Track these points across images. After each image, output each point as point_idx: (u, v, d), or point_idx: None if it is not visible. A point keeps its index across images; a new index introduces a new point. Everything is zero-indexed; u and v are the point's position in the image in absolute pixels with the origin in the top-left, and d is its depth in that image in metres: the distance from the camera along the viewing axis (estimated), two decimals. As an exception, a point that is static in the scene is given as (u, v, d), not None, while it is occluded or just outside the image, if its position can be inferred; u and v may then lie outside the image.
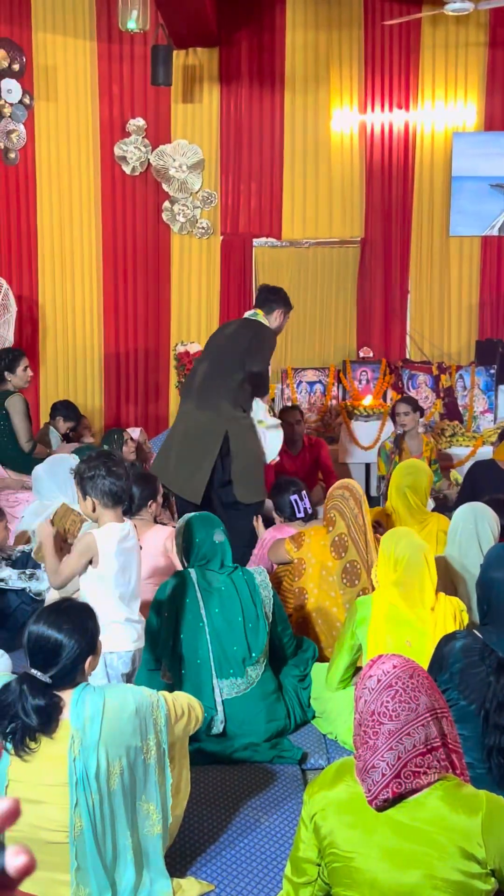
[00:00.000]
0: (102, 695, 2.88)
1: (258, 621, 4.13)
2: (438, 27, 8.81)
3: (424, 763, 2.36)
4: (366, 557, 4.76)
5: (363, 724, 2.41)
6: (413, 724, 2.37)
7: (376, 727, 2.37)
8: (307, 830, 2.52)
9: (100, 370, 9.21)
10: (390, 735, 2.36)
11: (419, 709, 2.38)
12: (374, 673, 2.44)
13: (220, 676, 4.07)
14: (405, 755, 2.35)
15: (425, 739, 2.37)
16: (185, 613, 4.12)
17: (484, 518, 4.52)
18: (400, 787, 2.34)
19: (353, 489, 4.91)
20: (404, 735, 2.36)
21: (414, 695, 2.39)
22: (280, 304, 6.22)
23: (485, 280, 9.18)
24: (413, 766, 2.35)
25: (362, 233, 9.10)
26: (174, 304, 9.20)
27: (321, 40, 8.86)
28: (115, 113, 8.91)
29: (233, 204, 9.09)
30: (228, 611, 4.14)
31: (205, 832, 3.45)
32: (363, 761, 2.39)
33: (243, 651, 4.08)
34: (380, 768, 2.35)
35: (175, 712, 3.04)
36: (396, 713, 2.36)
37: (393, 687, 2.39)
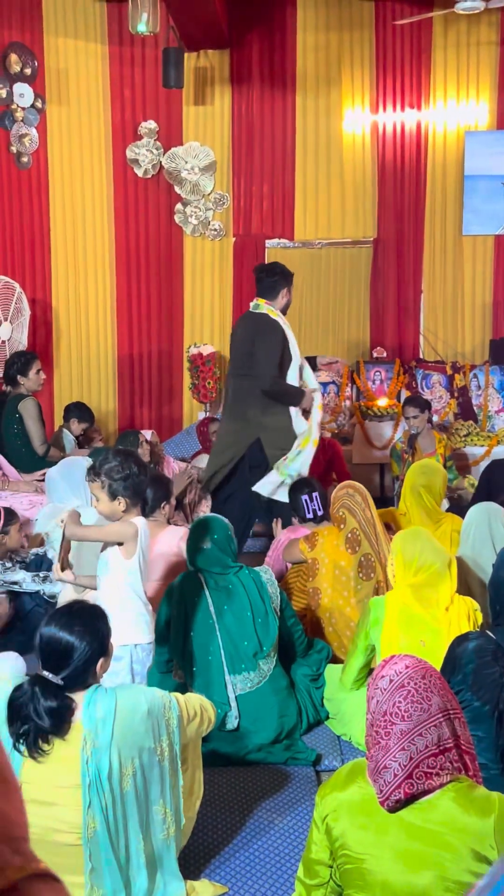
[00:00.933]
0: (114, 696, 2.88)
1: (267, 616, 4.14)
2: (450, 26, 8.80)
3: (437, 764, 2.35)
4: (378, 550, 4.79)
5: (375, 725, 2.40)
6: (425, 724, 2.36)
7: (388, 727, 2.36)
8: (319, 832, 2.51)
9: (113, 373, 9.23)
10: (402, 735, 2.35)
11: (431, 709, 2.37)
12: (387, 673, 2.43)
13: (233, 672, 4.07)
14: (417, 756, 2.34)
15: (438, 740, 2.36)
16: (196, 612, 4.14)
17: (497, 518, 4.51)
18: (412, 788, 2.34)
19: (357, 487, 5.00)
20: (416, 735, 2.35)
21: (426, 695, 2.38)
22: (281, 281, 6.18)
23: (498, 279, 9.15)
24: (425, 767, 2.34)
25: (375, 233, 9.09)
26: (187, 306, 9.21)
27: (332, 41, 8.85)
28: (127, 116, 8.93)
29: (245, 205, 9.09)
30: (237, 607, 4.15)
31: (218, 834, 3.45)
32: (375, 762, 2.38)
33: (254, 646, 4.09)
34: (392, 769, 2.34)
35: (187, 713, 3.04)
36: (409, 713, 2.35)
37: (405, 687, 2.38)
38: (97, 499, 3.95)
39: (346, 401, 8.70)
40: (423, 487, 5.32)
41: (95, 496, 3.93)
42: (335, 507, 5.02)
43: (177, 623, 4.13)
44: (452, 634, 3.70)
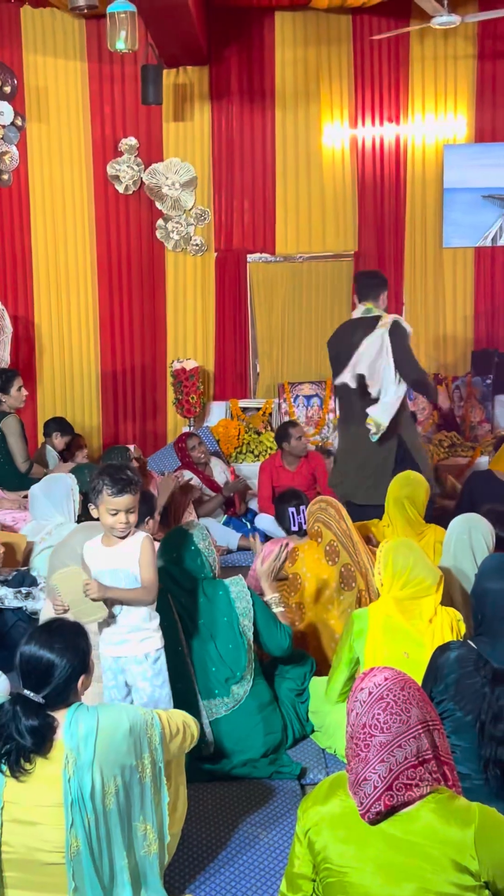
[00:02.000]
0: (96, 714, 2.87)
1: (237, 639, 4.10)
2: (427, 41, 8.86)
3: (416, 775, 2.36)
4: (357, 560, 4.80)
5: (355, 737, 2.41)
6: (405, 736, 2.36)
7: (368, 739, 2.37)
8: (301, 846, 2.51)
9: (97, 388, 9.23)
10: (382, 747, 2.35)
11: (411, 721, 2.38)
12: (366, 686, 2.44)
13: (206, 697, 4.05)
14: (397, 767, 2.34)
15: (417, 751, 2.37)
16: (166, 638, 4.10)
17: (478, 529, 4.52)
18: (392, 800, 2.34)
19: (330, 500, 5.08)
20: (396, 747, 2.35)
21: (405, 707, 2.38)
22: (382, 284, 6.31)
23: (479, 290, 9.20)
24: (405, 779, 2.35)
25: (356, 246, 9.13)
26: (170, 322, 9.22)
27: (310, 56, 8.91)
28: (108, 132, 8.96)
29: (226, 220, 9.12)
30: (207, 632, 4.12)
31: (203, 849, 3.44)
32: (355, 774, 2.39)
33: (226, 671, 4.07)
34: (371, 780, 2.35)
35: (170, 730, 3.03)
36: (388, 725, 2.36)
37: (384, 699, 2.39)
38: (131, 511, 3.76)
39: (330, 413, 8.72)
40: (406, 499, 5.33)
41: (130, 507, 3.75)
42: (310, 523, 5.07)
43: None
44: (436, 645, 3.71)
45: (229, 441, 8.62)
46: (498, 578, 3.36)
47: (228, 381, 9.26)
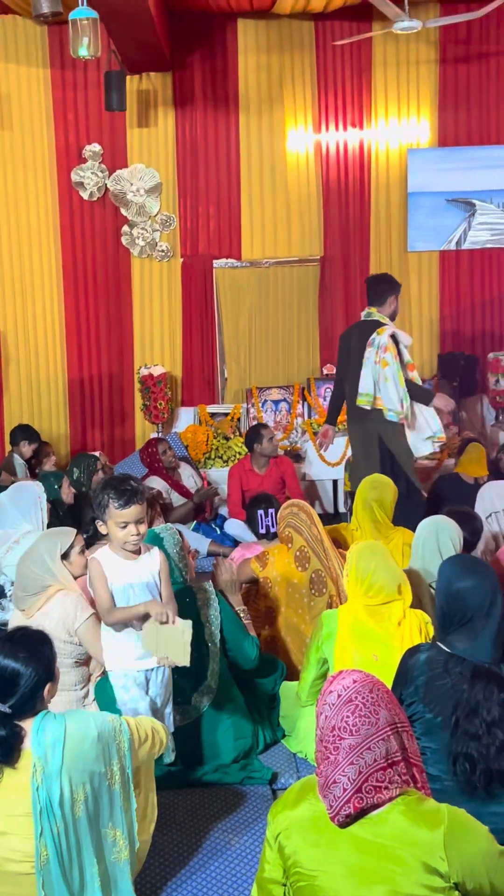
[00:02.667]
0: (63, 722, 2.86)
1: (202, 649, 4.08)
2: (389, 46, 8.91)
3: (385, 778, 2.36)
4: (328, 565, 4.80)
5: (324, 740, 2.41)
6: (373, 738, 2.36)
7: (337, 742, 2.37)
8: (272, 851, 2.51)
9: (64, 396, 9.20)
10: (351, 750, 2.35)
11: (379, 723, 2.38)
12: (335, 688, 2.44)
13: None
14: (366, 770, 2.34)
15: (386, 754, 2.37)
16: None
17: (445, 530, 4.54)
18: (361, 802, 2.34)
19: (301, 505, 5.05)
20: (365, 749, 2.35)
21: (374, 709, 2.38)
22: (389, 289, 6.49)
23: (444, 294, 9.26)
24: (374, 781, 2.35)
25: (321, 251, 9.16)
26: (136, 328, 9.21)
27: (273, 62, 8.93)
28: (71, 139, 8.94)
29: (192, 226, 9.12)
30: None
31: (175, 856, 3.43)
32: (324, 777, 2.39)
33: (189, 681, 4.05)
34: (341, 783, 2.35)
35: (138, 736, 3.02)
36: (357, 728, 2.36)
37: (353, 702, 2.39)
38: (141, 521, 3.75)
39: (298, 418, 8.73)
40: (374, 502, 5.35)
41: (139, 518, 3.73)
42: (281, 527, 5.05)
43: None
44: (405, 648, 3.71)
45: (198, 447, 8.61)
46: (466, 577, 3.37)
47: (196, 386, 9.26)
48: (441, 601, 3.42)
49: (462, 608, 3.34)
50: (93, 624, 4.22)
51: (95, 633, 4.22)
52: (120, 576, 3.70)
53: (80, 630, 4.18)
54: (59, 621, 4.17)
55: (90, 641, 4.21)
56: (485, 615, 3.30)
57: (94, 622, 4.23)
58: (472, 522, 4.91)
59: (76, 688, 4.32)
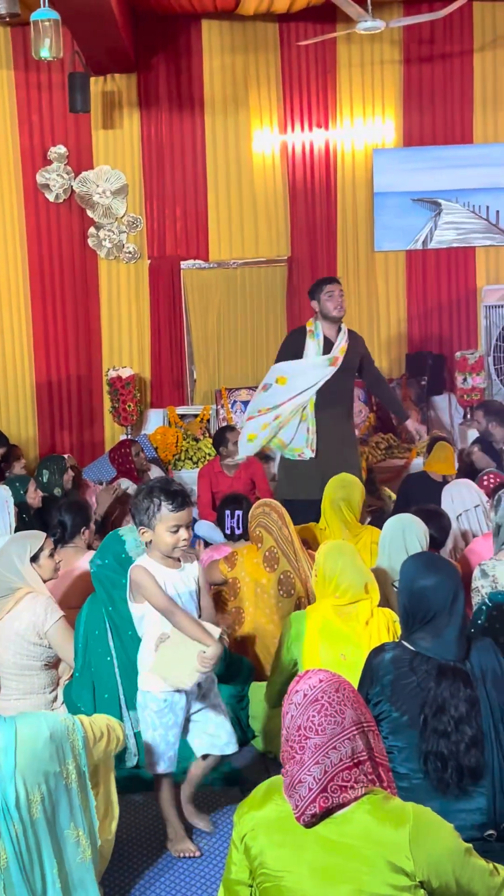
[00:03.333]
0: (14, 724, 2.84)
1: None
2: (353, 46, 8.93)
3: (351, 777, 2.36)
4: (298, 567, 4.81)
5: (290, 740, 2.41)
6: (339, 737, 2.37)
7: (303, 742, 2.37)
8: (238, 852, 2.50)
9: (32, 399, 9.16)
10: (317, 749, 2.35)
11: (345, 722, 2.38)
12: (301, 688, 2.44)
13: (131, 708, 4.01)
14: (331, 769, 2.34)
15: (352, 753, 2.37)
16: (95, 647, 4.08)
17: (411, 529, 4.55)
18: (327, 802, 2.34)
19: (273, 505, 5.03)
20: (330, 749, 2.35)
21: (340, 708, 2.39)
22: (312, 294, 6.54)
23: (412, 294, 9.29)
24: (340, 781, 2.35)
25: (289, 251, 9.17)
26: (104, 330, 9.18)
27: (238, 63, 8.93)
28: (36, 141, 8.90)
29: (158, 228, 9.11)
30: (134, 644, 4.00)
31: (141, 857, 3.43)
32: (290, 777, 2.39)
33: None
34: (306, 783, 2.35)
35: (93, 734, 3.01)
36: (322, 727, 2.36)
37: (319, 701, 2.39)
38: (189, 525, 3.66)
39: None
40: (342, 501, 5.36)
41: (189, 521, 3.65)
42: (252, 526, 5.05)
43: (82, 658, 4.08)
44: (372, 647, 3.73)
45: (167, 448, 8.59)
46: (428, 574, 3.38)
47: (165, 388, 9.24)
48: (404, 600, 3.43)
49: (425, 606, 3.34)
50: (63, 626, 4.22)
51: (65, 634, 4.22)
52: (167, 585, 3.55)
53: (49, 632, 4.18)
54: (28, 624, 4.16)
55: (60, 644, 4.21)
56: (448, 612, 3.31)
57: (63, 624, 4.23)
58: (439, 520, 4.94)
59: (45, 691, 4.31)
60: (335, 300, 6.44)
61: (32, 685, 4.28)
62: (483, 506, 5.66)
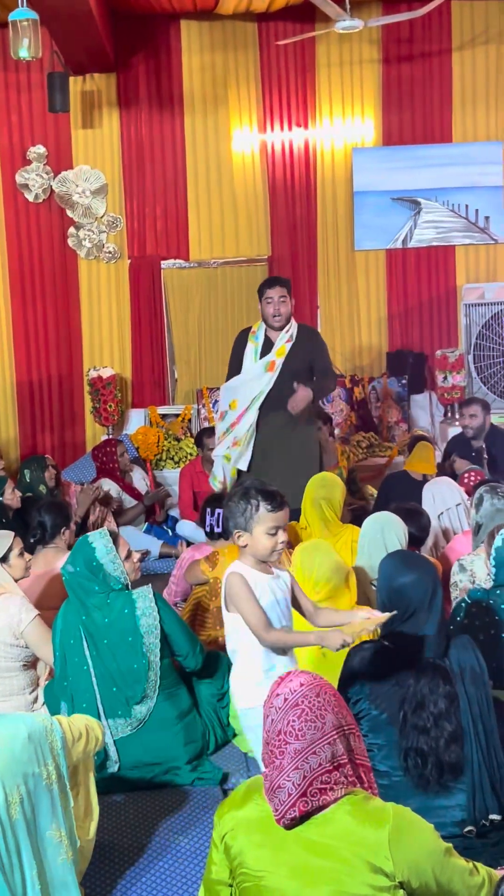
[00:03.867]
0: (-10, 726, 2.84)
1: (140, 660, 4.01)
2: (332, 45, 8.94)
3: (331, 780, 2.36)
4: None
5: (270, 744, 2.41)
6: (319, 742, 2.37)
7: (283, 747, 2.37)
8: (218, 852, 2.51)
9: (12, 400, 9.13)
10: (296, 754, 2.35)
11: (325, 727, 2.38)
12: (281, 692, 2.43)
13: (110, 716, 3.99)
14: (311, 774, 2.35)
15: (332, 757, 2.37)
16: (72, 656, 4.06)
17: (391, 527, 4.57)
18: (307, 806, 2.35)
19: None
20: (310, 754, 2.36)
21: (320, 713, 2.38)
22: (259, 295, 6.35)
23: (392, 292, 9.31)
24: (319, 784, 2.35)
25: (269, 250, 9.18)
26: (85, 330, 9.17)
27: (217, 62, 8.93)
28: (15, 141, 8.87)
29: (139, 227, 9.10)
30: (109, 652, 4.03)
31: (124, 857, 3.42)
32: (270, 781, 2.39)
33: (127, 692, 4.01)
34: (286, 788, 2.35)
35: (72, 735, 3.01)
36: (303, 732, 2.36)
37: (299, 706, 2.38)
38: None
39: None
40: (323, 500, 5.36)
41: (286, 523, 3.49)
42: (233, 526, 5.01)
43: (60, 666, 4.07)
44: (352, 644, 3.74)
45: (149, 448, 8.59)
46: (407, 572, 3.40)
47: (146, 388, 9.23)
48: (383, 597, 3.45)
49: (405, 603, 3.36)
50: (38, 624, 4.21)
51: (42, 633, 4.21)
52: (265, 593, 3.39)
53: (26, 631, 4.18)
54: (4, 625, 4.16)
55: (37, 643, 4.20)
56: (426, 609, 3.33)
57: (39, 623, 4.21)
58: (419, 519, 4.95)
59: (25, 692, 4.31)
60: (273, 306, 6.16)
61: (12, 687, 4.28)
62: (464, 504, 5.68)
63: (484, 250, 9.33)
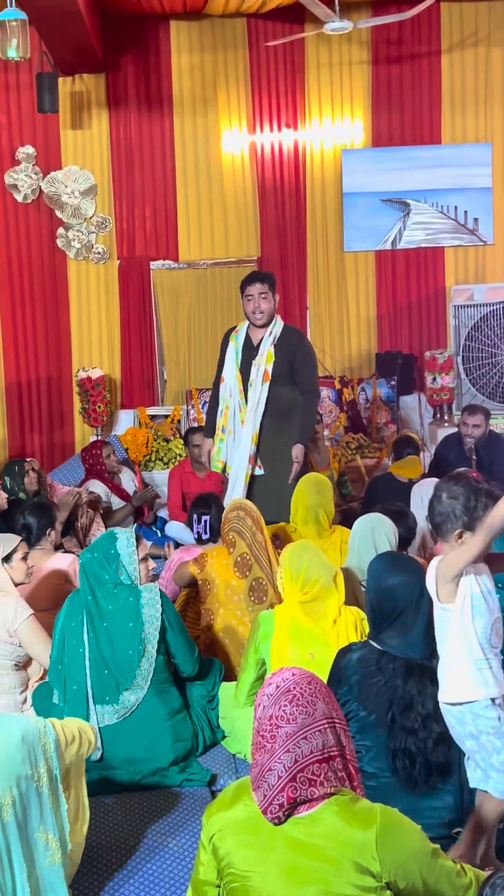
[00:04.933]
0: (-16, 727, 2.83)
1: (137, 646, 4.05)
2: (322, 46, 8.95)
3: (321, 772, 2.36)
4: (270, 573, 4.78)
5: (261, 730, 2.41)
6: (310, 728, 2.37)
7: (274, 731, 2.37)
8: (206, 852, 2.51)
9: (1, 400, 9.12)
10: (288, 738, 2.36)
11: (316, 714, 2.39)
12: (274, 680, 2.45)
13: (99, 702, 4.01)
14: (302, 759, 2.34)
15: (322, 746, 2.37)
16: (70, 639, 4.09)
17: (380, 528, 4.56)
18: (295, 792, 2.33)
19: (248, 508, 4.92)
20: (301, 739, 2.36)
21: (312, 700, 2.40)
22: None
23: (381, 293, 9.32)
24: (310, 773, 2.35)
25: (258, 252, 9.18)
26: (74, 331, 9.16)
27: (207, 62, 8.93)
28: (4, 141, 8.86)
29: (128, 228, 9.09)
30: (110, 635, 4.08)
31: (111, 859, 3.42)
32: (259, 766, 2.38)
33: (118, 676, 4.03)
34: (276, 770, 2.35)
35: (65, 738, 3.01)
36: (294, 717, 2.37)
37: (291, 692, 2.39)
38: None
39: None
40: (319, 507, 5.30)
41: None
42: (225, 529, 5.00)
43: (57, 650, 4.09)
44: (340, 646, 3.74)
45: (138, 449, 8.57)
46: (395, 573, 3.41)
47: (136, 388, 9.23)
48: (371, 598, 3.45)
49: (392, 604, 3.37)
50: (32, 623, 4.23)
51: (35, 632, 4.23)
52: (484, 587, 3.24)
53: (20, 629, 4.21)
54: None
55: (29, 641, 4.22)
56: (414, 610, 3.34)
57: (33, 621, 4.24)
58: (405, 520, 4.95)
59: (15, 691, 4.32)
60: (254, 302, 5.96)
61: (3, 685, 4.29)
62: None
63: (473, 252, 9.34)
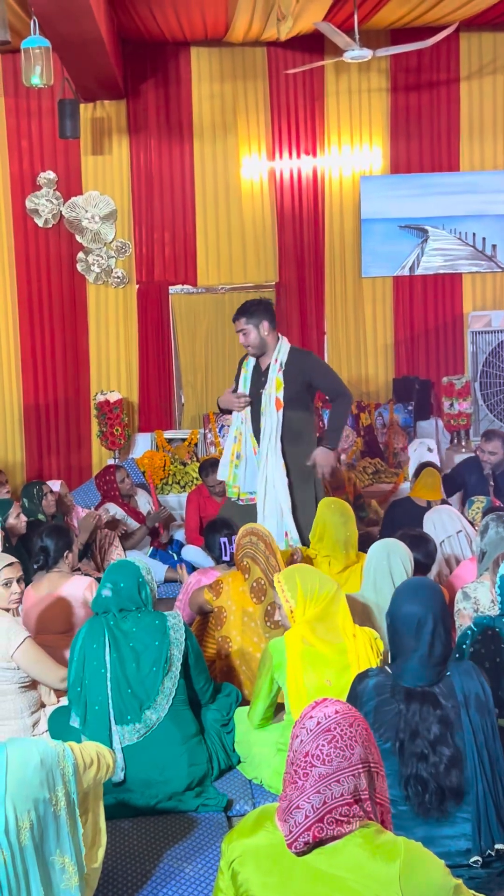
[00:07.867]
0: (4, 750, 2.82)
1: (161, 664, 4.05)
2: (341, 74, 9.02)
3: (349, 813, 2.33)
4: None
5: (295, 764, 2.39)
6: (344, 772, 2.34)
7: (308, 769, 2.35)
8: (225, 878, 2.48)
9: (20, 423, 9.16)
10: (320, 778, 2.33)
11: (353, 758, 2.35)
12: (315, 714, 2.41)
13: (120, 723, 4.00)
14: (331, 802, 2.32)
15: (354, 790, 2.34)
16: (91, 659, 4.07)
17: (396, 553, 4.55)
18: (321, 833, 2.31)
19: (260, 533, 4.90)
20: (333, 782, 2.33)
21: (350, 743, 2.36)
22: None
23: (398, 319, 9.35)
24: (338, 815, 2.32)
25: (277, 277, 9.22)
26: (92, 354, 9.21)
27: (227, 90, 9.01)
28: (25, 167, 8.95)
29: (147, 253, 9.16)
30: (130, 656, 4.07)
31: (129, 883, 3.40)
32: (288, 801, 2.36)
33: (141, 694, 4.02)
34: (304, 809, 2.33)
35: (83, 761, 3.00)
36: (330, 758, 2.34)
37: (331, 732, 2.36)
38: None
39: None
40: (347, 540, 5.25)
41: None
42: (238, 555, 4.99)
43: (76, 671, 4.08)
44: (357, 668, 3.73)
45: (155, 472, 8.60)
46: (405, 600, 3.40)
47: (153, 412, 9.26)
48: (388, 625, 3.45)
49: (393, 631, 3.37)
50: (29, 646, 4.18)
51: (34, 655, 4.18)
52: None
53: (16, 655, 4.15)
54: None
55: (29, 665, 4.18)
56: (414, 638, 3.33)
57: (30, 644, 4.19)
58: (425, 545, 4.95)
59: (23, 715, 4.26)
60: (242, 337, 5.93)
61: (7, 710, 4.24)
62: (465, 531, 5.67)
63: (491, 278, 9.37)
